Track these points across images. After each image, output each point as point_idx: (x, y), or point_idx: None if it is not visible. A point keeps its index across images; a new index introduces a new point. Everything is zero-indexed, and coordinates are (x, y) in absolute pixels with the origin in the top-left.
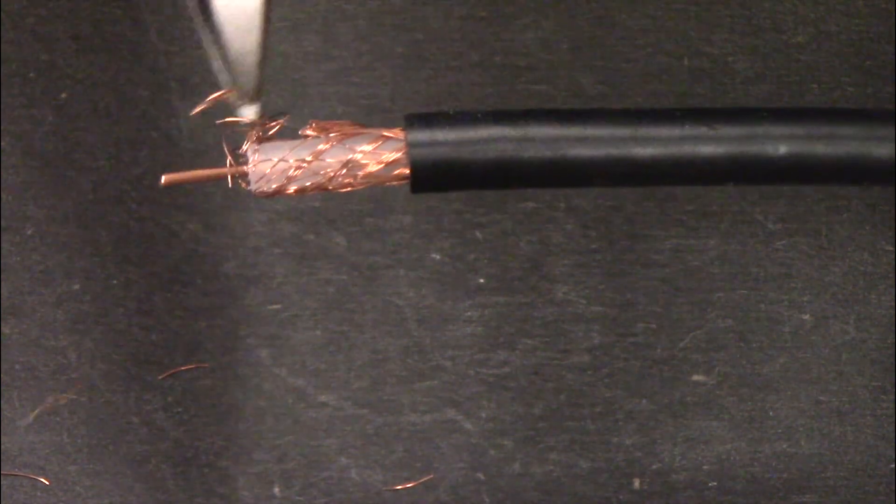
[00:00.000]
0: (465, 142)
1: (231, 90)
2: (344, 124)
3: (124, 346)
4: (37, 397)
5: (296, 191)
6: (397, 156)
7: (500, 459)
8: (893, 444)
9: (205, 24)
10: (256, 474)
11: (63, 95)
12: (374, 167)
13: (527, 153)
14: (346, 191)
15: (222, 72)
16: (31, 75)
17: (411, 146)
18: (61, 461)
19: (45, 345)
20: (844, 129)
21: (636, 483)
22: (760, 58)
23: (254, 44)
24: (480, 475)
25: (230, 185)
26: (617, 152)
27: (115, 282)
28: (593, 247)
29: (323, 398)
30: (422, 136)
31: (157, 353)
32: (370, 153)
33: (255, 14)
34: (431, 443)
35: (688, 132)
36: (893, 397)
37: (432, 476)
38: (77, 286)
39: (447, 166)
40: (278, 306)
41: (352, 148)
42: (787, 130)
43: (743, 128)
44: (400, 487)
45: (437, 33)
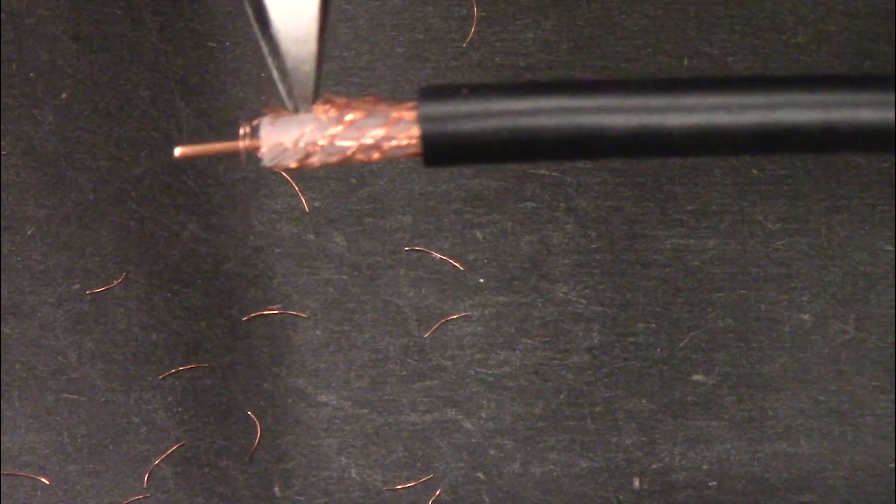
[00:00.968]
0: (479, 114)
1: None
2: (356, 101)
3: (124, 346)
4: (37, 397)
5: (307, 166)
6: (411, 131)
7: (500, 459)
8: (893, 444)
9: (262, 35)
10: (256, 474)
11: (63, 95)
12: (387, 146)
13: (541, 124)
14: (357, 163)
15: (280, 80)
16: (32, 75)
17: (423, 120)
18: (61, 461)
19: (45, 345)
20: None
21: (636, 483)
22: (760, 58)
23: (310, 53)
24: (480, 475)
25: (243, 159)
26: (637, 122)
27: (115, 282)
28: (593, 247)
29: (323, 398)
30: (434, 109)
31: (157, 353)
32: (384, 135)
33: (311, 24)
34: (431, 443)
35: (713, 101)
36: (893, 397)
37: (432, 476)
38: (77, 286)
39: (460, 140)
40: (278, 306)
41: (365, 129)
42: (813, 98)
43: (768, 96)
44: (400, 487)
45: (437, 33)
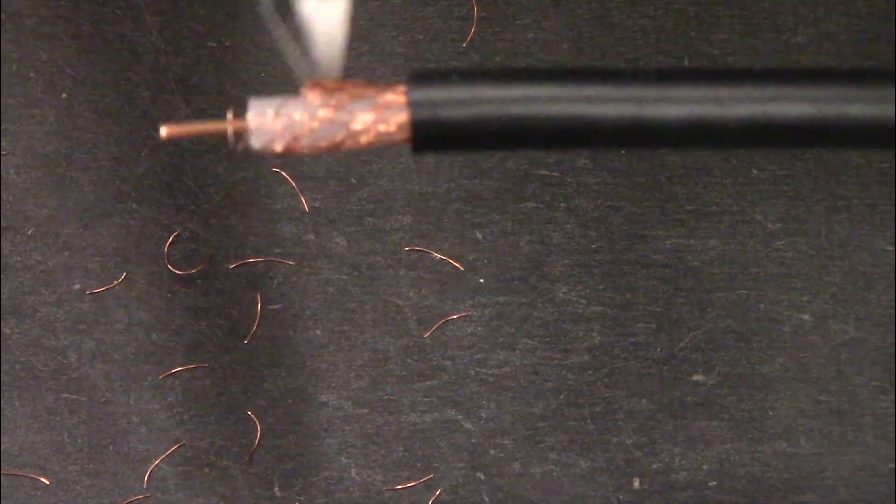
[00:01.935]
0: (469, 101)
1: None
2: (346, 84)
3: (124, 346)
4: (37, 397)
5: (294, 150)
6: (400, 117)
7: (500, 459)
8: (893, 444)
9: (286, 23)
10: (256, 474)
11: (63, 95)
12: (376, 130)
13: (532, 111)
14: (346, 149)
15: (303, 64)
16: (32, 75)
17: (413, 105)
18: (61, 461)
19: (45, 345)
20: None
21: (636, 483)
22: (760, 58)
23: (338, 37)
24: (480, 475)
25: (231, 141)
26: (628, 112)
27: (115, 282)
28: (593, 247)
29: (323, 398)
30: (424, 94)
31: (157, 353)
32: (373, 120)
33: (339, 12)
34: (431, 443)
35: (705, 93)
36: (893, 397)
37: (432, 476)
38: (77, 286)
39: (450, 126)
40: (278, 306)
41: (354, 112)
42: (804, 92)
43: (760, 89)
44: (400, 487)
45: (437, 33)
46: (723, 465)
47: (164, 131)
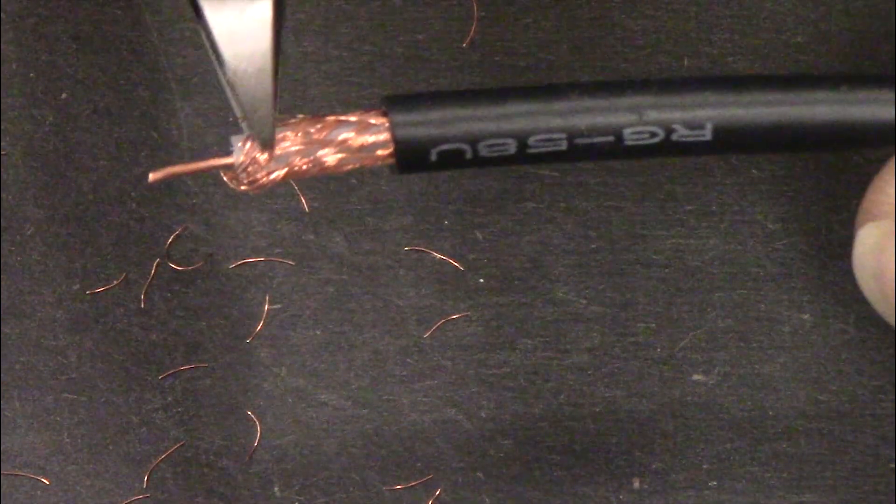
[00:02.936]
0: (450, 120)
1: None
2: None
3: (124, 346)
4: (37, 397)
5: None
6: (384, 143)
7: (500, 459)
8: (893, 444)
9: (222, 75)
10: (256, 474)
11: (63, 95)
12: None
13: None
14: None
15: (241, 118)
16: (32, 75)
17: (395, 127)
18: (61, 461)
19: (45, 345)
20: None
21: (636, 483)
22: (760, 58)
23: (266, 93)
24: (480, 475)
25: (220, 177)
26: (606, 125)
27: (115, 282)
28: (593, 247)
29: (323, 398)
30: (405, 117)
31: (157, 353)
32: (358, 146)
33: (265, 65)
34: (431, 443)
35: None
36: (893, 397)
37: (432, 476)
38: (77, 286)
39: (433, 146)
40: (278, 306)
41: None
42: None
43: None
44: (400, 487)
45: (437, 33)
46: (723, 465)
47: (151, 177)
